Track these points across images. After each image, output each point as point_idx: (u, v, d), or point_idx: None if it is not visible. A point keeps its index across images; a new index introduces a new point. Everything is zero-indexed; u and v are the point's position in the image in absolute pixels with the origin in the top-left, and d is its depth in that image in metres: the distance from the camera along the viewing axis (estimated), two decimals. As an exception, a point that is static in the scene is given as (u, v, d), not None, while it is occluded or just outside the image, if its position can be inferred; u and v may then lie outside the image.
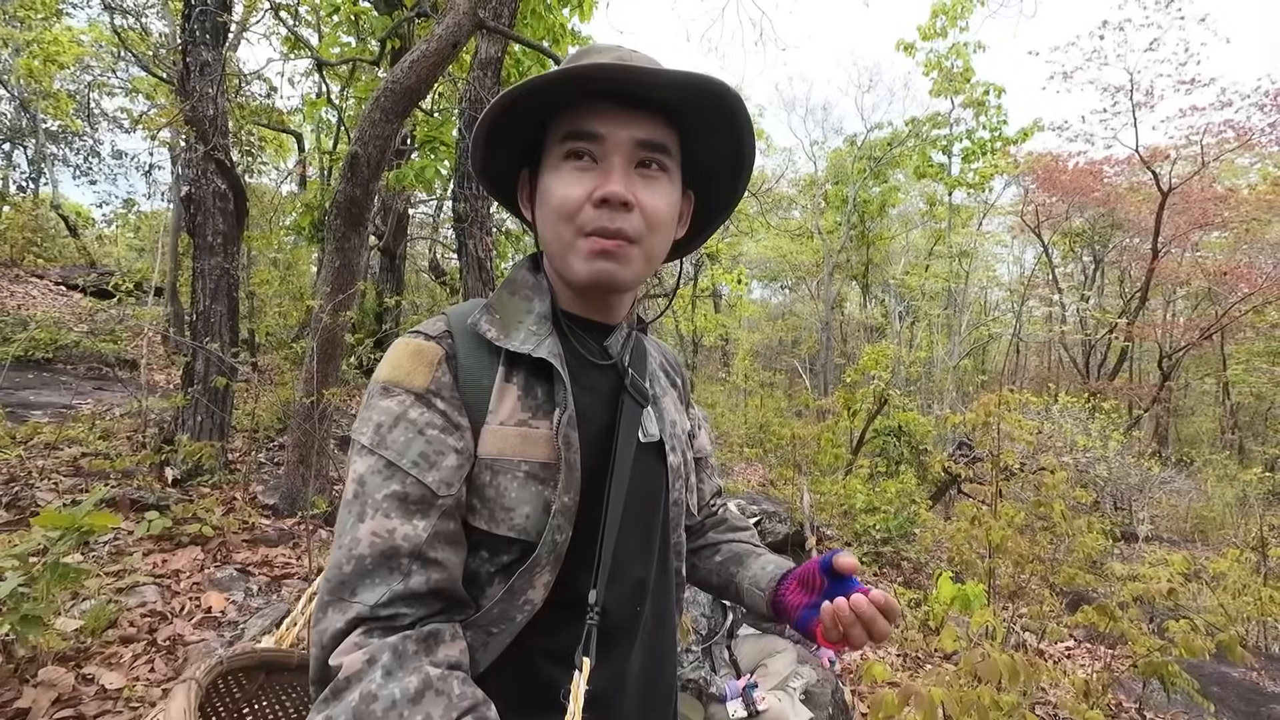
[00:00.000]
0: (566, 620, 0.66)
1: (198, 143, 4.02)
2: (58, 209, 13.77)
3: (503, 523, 0.64)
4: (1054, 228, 14.37)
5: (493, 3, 5.81)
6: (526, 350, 0.67)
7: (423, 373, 0.65)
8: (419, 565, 0.59)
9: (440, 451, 0.63)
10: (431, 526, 0.61)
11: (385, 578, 0.58)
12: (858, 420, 8.26)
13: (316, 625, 0.58)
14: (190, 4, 4.09)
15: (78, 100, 13.97)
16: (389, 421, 0.63)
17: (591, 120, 0.65)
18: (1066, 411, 7.38)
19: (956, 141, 13.66)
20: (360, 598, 0.57)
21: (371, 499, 0.60)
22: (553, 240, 0.69)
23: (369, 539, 0.58)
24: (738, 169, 0.76)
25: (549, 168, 0.69)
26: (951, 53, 13.20)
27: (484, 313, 0.71)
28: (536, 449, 0.66)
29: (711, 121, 0.69)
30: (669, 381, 0.89)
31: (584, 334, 0.75)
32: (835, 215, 15.59)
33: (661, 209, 0.67)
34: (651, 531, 0.76)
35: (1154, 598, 3.66)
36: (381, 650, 0.55)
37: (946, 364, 12.71)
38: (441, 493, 0.62)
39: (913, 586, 4.97)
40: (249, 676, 0.84)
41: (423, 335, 0.69)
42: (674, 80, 0.62)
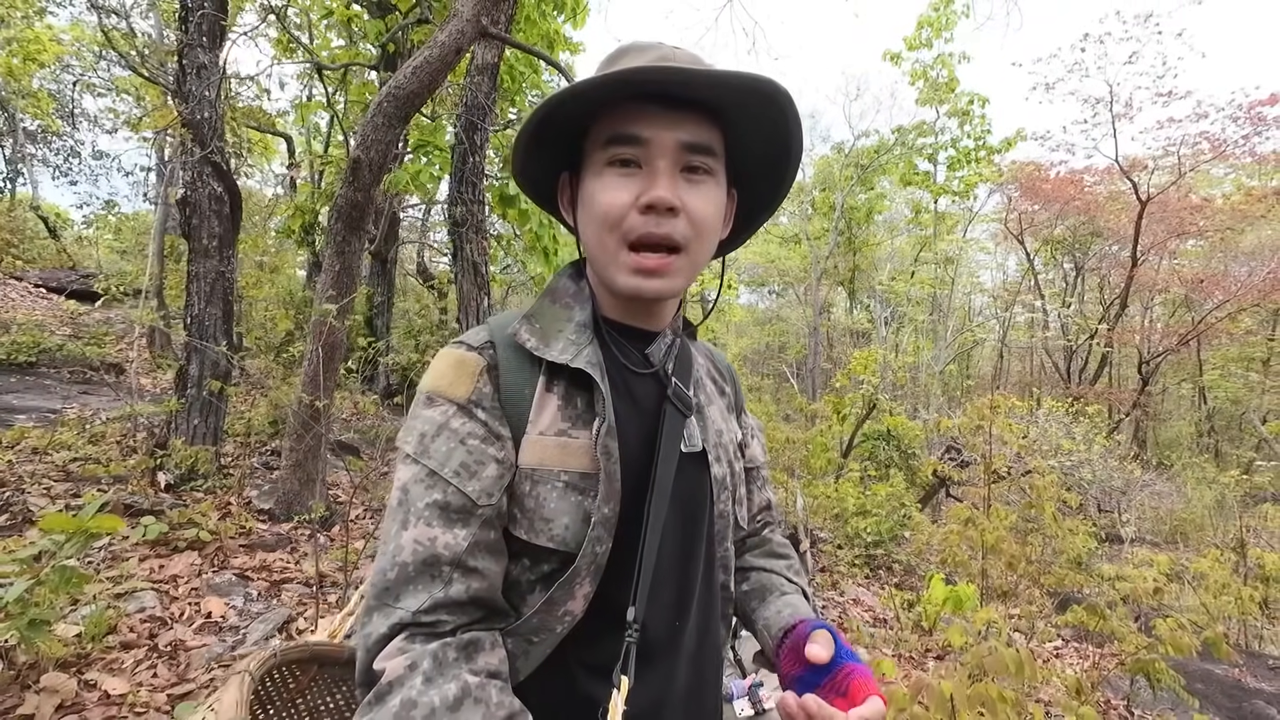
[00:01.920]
0: (606, 633, 0.65)
1: (194, 145, 4.00)
2: (37, 210, 13.52)
3: (542, 533, 0.64)
4: (1036, 235, 14.65)
5: (491, 11, 5.84)
6: (565, 360, 0.66)
7: (465, 383, 0.66)
8: (460, 573, 0.60)
9: (481, 461, 0.63)
10: (472, 536, 0.61)
11: (427, 585, 0.59)
12: (847, 425, 8.36)
13: (362, 629, 0.59)
14: (189, 6, 4.07)
15: (58, 100, 13.76)
16: (432, 431, 0.64)
17: (635, 123, 0.63)
18: (1051, 416, 7.53)
19: (942, 150, 13.89)
20: (403, 604, 0.58)
21: (414, 507, 0.61)
22: (596, 248, 0.67)
23: (412, 546, 0.60)
24: (784, 166, 0.73)
25: (592, 173, 0.67)
26: (937, 63, 13.43)
27: (524, 322, 0.70)
28: (576, 459, 0.65)
29: (758, 120, 0.66)
30: (716, 389, 0.86)
31: (625, 341, 0.73)
32: (823, 221, 15.77)
33: (709, 214, 0.66)
34: (695, 544, 0.74)
35: (1140, 597, 3.76)
36: (423, 657, 0.56)
37: (933, 369, 12.89)
38: (482, 502, 0.62)
39: (904, 588, 5.03)
40: (302, 669, 0.86)
41: (465, 345, 0.69)
42: (722, 80, 0.60)
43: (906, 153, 14.08)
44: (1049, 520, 3.51)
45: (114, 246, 15.45)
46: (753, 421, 0.95)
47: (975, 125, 13.16)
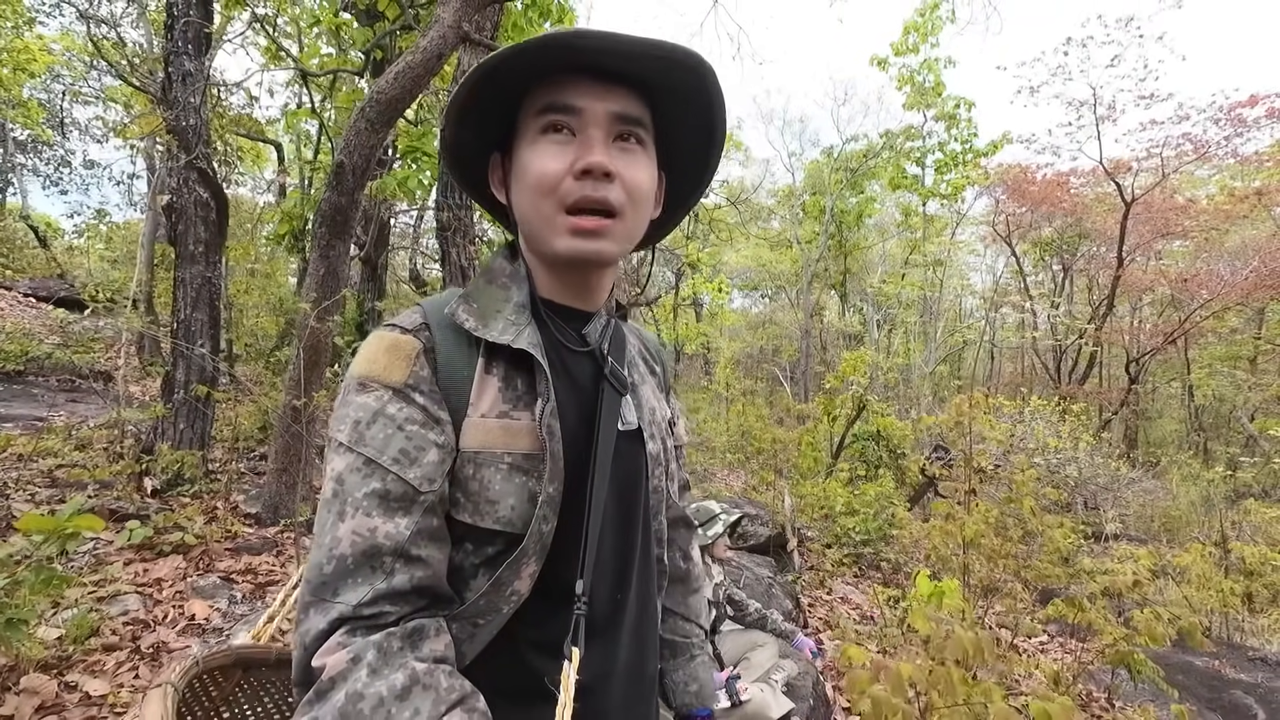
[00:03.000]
0: (553, 610, 0.66)
1: (180, 152, 4.02)
2: (27, 219, 13.50)
3: (487, 515, 0.64)
4: (1024, 237, 14.78)
5: (476, 16, 5.90)
6: (506, 341, 0.66)
7: (400, 367, 0.64)
8: (402, 563, 0.59)
9: (421, 447, 0.62)
10: (414, 524, 0.60)
11: (368, 577, 0.57)
12: (837, 425, 8.40)
13: (298, 627, 0.57)
14: (173, 14, 4.11)
15: (48, 109, 13.75)
16: (367, 418, 0.62)
17: (568, 93, 0.65)
18: (1038, 415, 7.59)
19: (929, 153, 14.02)
20: (342, 597, 0.56)
21: (351, 497, 0.59)
22: (533, 216, 0.67)
23: (350, 538, 0.58)
24: (709, 147, 0.75)
25: (525, 143, 0.67)
26: (923, 68, 13.57)
27: (461, 302, 0.69)
28: (519, 440, 0.66)
29: (684, 98, 0.69)
30: (648, 369, 0.88)
31: (562, 321, 0.74)
32: (813, 225, 15.88)
33: (642, 181, 0.67)
34: (633, 519, 0.76)
35: (1121, 591, 3.80)
36: (366, 648, 0.54)
37: (923, 370, 12.96)
38: (424, 489, 0.61)
39: (892, 585, 5.06)
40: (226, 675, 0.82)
41: (398, 328, 0.67)
42: (652, 49, 0.62)
43: (895, 156, 14.20)
44: (1028, 515, 3.55)
45: (105, 255, 15.42)
46: (677, 404, 0.99)
47: (962, 129, 13.30)
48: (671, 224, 0.84)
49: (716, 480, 8.07)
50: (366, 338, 0.67)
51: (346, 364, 6.08)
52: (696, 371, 18.25)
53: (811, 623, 4.35)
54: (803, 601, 4.39)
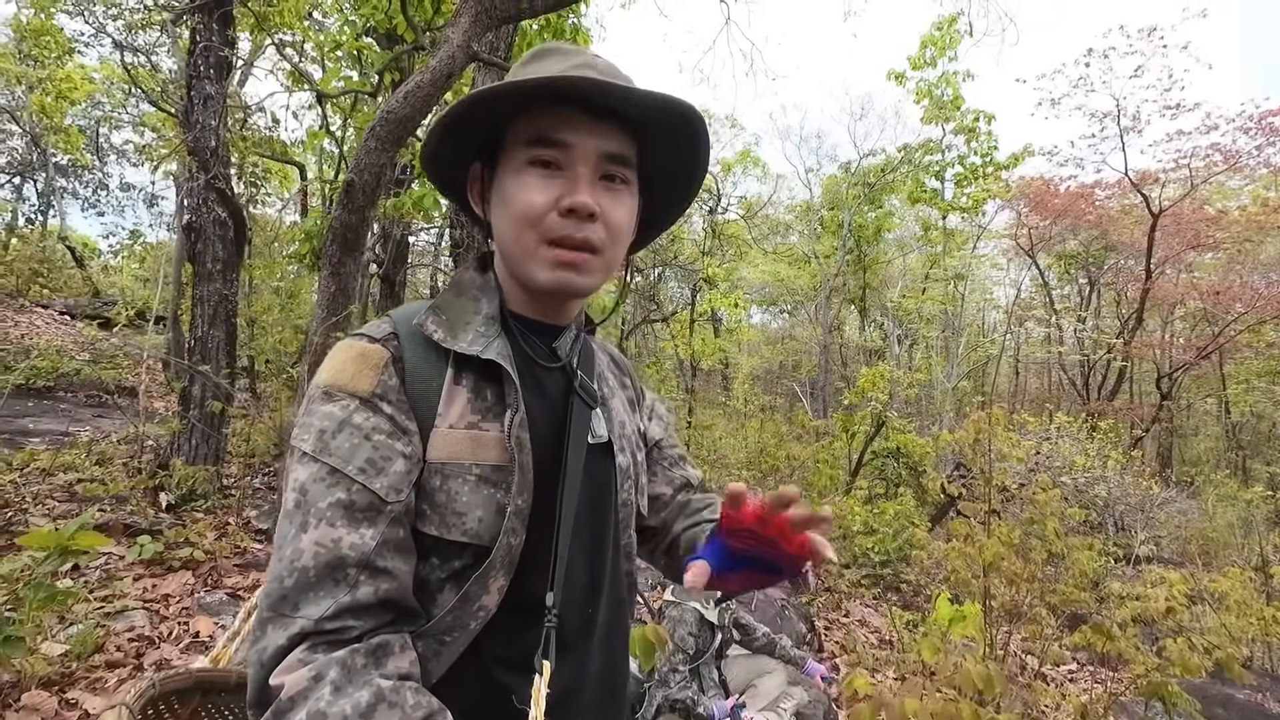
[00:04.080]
0: (521, 624, 0.65)
1: (199, 172, 4.12)
2: (64, 240, 13.98)
3: (455, 528, 0.63)
4: (1048, 250, 14.50)
5: (489, 36, 5.99)
6: (475, 352, 0.66)
7: (368, 376, 0.63)
8: (367, 575, 0.57)
9: (387, 457, 0.61)
10: (380, 535, 0.59)
11: (330, 590, 0.55)
12: (856, 442, 8.25)
13: (255, 644, 0.55)
14: (195, 40, 4.23)
15: (88, 135, 14.30)
16: (332, 427, 0.61)
17: (560, 128, 0.65)
18: (1064, 431, 7.37)
19: (949, 167, 13.87)
20: (304, 612, 0.54)
21: (315, 508, 0.58)
22: (513, 244, 0.68)
23: (313, 550, 0.56)
24: (690, 181, 0.78)
25: (511, 169, 0.67)
26: (941, 81, 13.48)
27: (429, 314, 0.69)
28: (487, 452, 0.65)
29: (672, 137, 0.71)
30: (618, 383, 0.89)
31: (532, 335, 0.74)
32: (831, 240, 15.77)
33: (623, 221, 0.69)
34: (603, 533, 0.76)
35: (1153, 617, 3.62)
36: (328, 666, 0.52)
37: (945, 386, 12.71)
38: (390, 499, 0.60)
39: (912, 609, 4.91)
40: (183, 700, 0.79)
41: (366, 338, 0.67)
42: (647, 101, 0.64)
43: (914, 170, 14.08)
44: (1050, 536, 3.42)
45: (137, 274, 15.91)
46: (660, 406, 0.99)
47: (982, 142, 13.14)
48: (643, 244, 0.85)
49: (732, 498, 7.96)
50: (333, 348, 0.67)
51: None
52: (714, 387, 18.14)
53: (827, 646, 4.23)
54: (818, 625, 4.26)
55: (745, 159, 17.36)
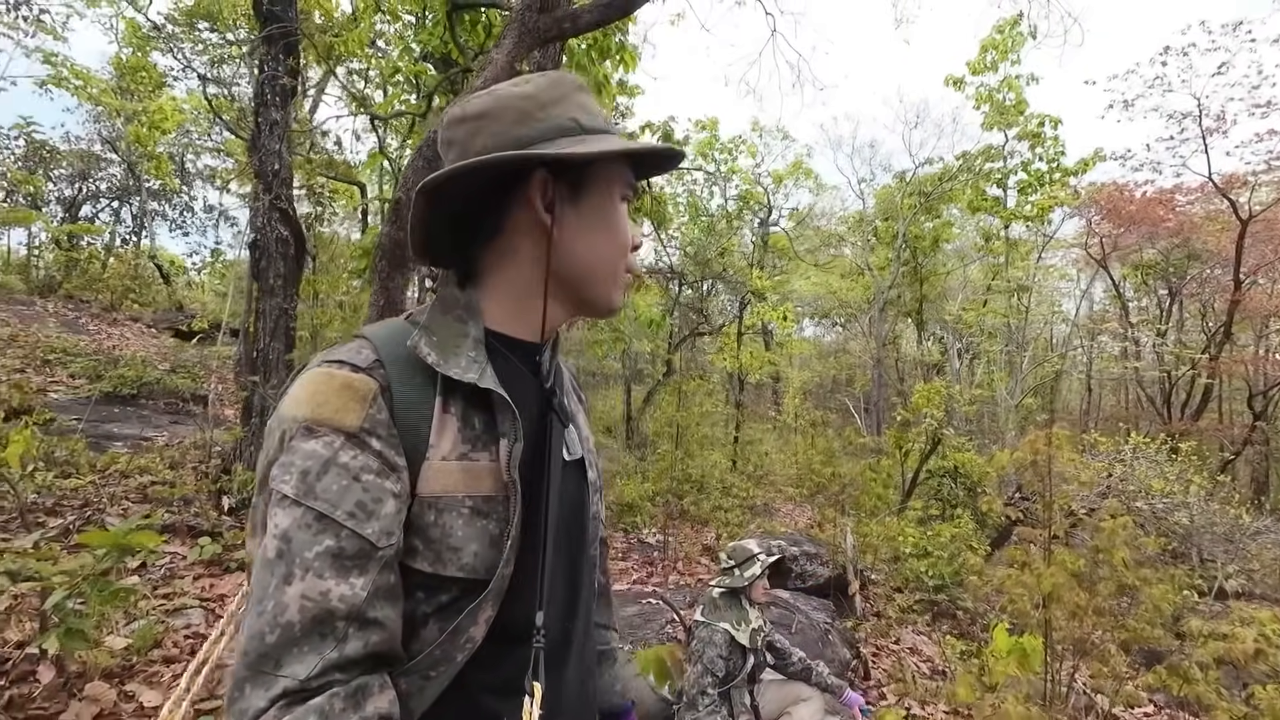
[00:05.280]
0: (505, 650, 0.64)
1: (264, 193, 4.37)
2: (154, 259, 15.09)
3: (450, 563, 0.61)
4: (1123, 259, 13.65)
5: (536, 56, 6.15)
6: (470, 379, 0.64)
7: (355, 410, 0.59)
8: (356, 628, 0.54)
9: (378, 499, 0.58)
10: (371, 583, 0.56)
11: (317, 645, 0.53)
12: (911, 461, 7.93)
13: (233, 705, 0.52)
14: (264, 70, 4.51)
15: (175, 161, 15.45)
16: (317, 467, 0.57)
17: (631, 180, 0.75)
18: (1140, 453, 6.87)
19: (1012, 174, 13.31)
20: (287, 670, 0.52)
21: (300, 558, 0.54)
22: (603, 266, 0.73)
23: (298, 603, 0.53)
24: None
25: (608, 199, 0.72)
26: (1003, 86, 12.99)
27: (422, 334, 0.66)
28: (480, 483, 0.63)
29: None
30: (577, 398, 0.90)
31: (511, 354, 0.72)
32: (885, 252, 15.34)
33: None
34: (579, 549, 0.77)
35: (1241, 660, 3.31)
36: (306, 715, 0.51)
37: (1008, 403, 12.09)
38: (382, 544, 0.57)
39: (968, 638, 4.65)
40: None
41: (349, 366, 0.62)
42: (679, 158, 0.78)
43: (973, 178, 13.56)
44: (1119, 566, 3.17)
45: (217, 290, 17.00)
46: None
47: (1048, 147, 12.55)
48: None
49: (779, 516, 7.78)
50: (304, 374, 0.62)
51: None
52: (764, 402, 17.85)
53: (874, 674, 4.04)
54: (864, 651, 4.09)
55: (797, 170, 17.15)
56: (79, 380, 7.33)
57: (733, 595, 2.42)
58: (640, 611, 3.75)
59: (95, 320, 11.03)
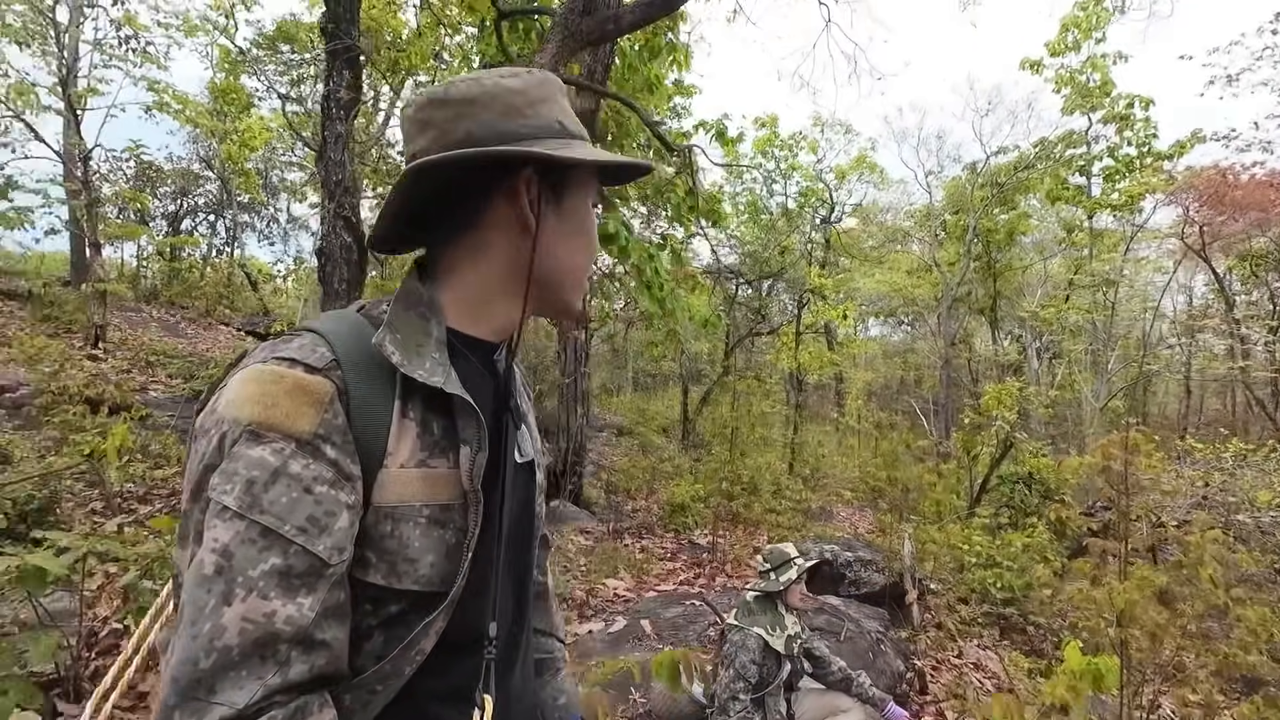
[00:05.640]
0: (454, 659, 0.62)
1: (329, 202, 4.61)
2: (244, 267, 16.26)
3: (406, 576, 0.58)
4: (1228, 250, 12.48)
5: (589, 61, 6.22)
6: (436, 383, 0.60)
7: (308, 414, 0.54)
8: (301, 651, 0.51)
9: (331, 511, 0.53)
10: (320, 603, 0.52)
11: (257, 670, 0.49)
12: (980, 466, 7.52)
13: None
14: (330, 86, 4.76)
15: (262, 176, 16.60)
16: (264, 477, 0.52)
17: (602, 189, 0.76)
18: (1244, 460, 6.25)
19: (1096, 160, 12.41)
20: (223, 697, 0.47)
21: (243, 576, 0.50)
22: (573, 271, 0.72)
23: (239, 626, 0.49)
24: None
25: (581, 203, 0.72)
26: (1086, 66, 12.14)
27: (386, 331, 0.61)
28: (438, 491, 0.60)
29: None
30: (527, 398, 0.87)
31: (470, 354, 0.69)
32: (955, 247, 14.62)
33: None
34: (526, 551, 0.77)
35: (1357, 694, 2.95)
36: None
37: (1093, 405, 11.26)
38: (333, 561, 0.53)
39: (1038, 655, 4.36)
40: None
41: (302, 365, 0.57)
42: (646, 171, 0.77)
43: (1053, 166, 12.73)
44: (1208, 584, 2.88)
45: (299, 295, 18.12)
46: None
47: (1137, 130, 11.63)
48: None
49: (837, 519, 7.54)
50: (246, 370, 0.57)
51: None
52: (827, 403, 17.37)
53: (932, 689, 3.86)
54: (920, 664, 3.90)
55: (860, 165, 16.62)
56: (175, 380, 7.97)
57: (768, 599, 2.36)
58: (683, 613, 3.72)
59: (192, 325, 11.97)
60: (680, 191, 7.35)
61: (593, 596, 4.22)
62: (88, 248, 10.18)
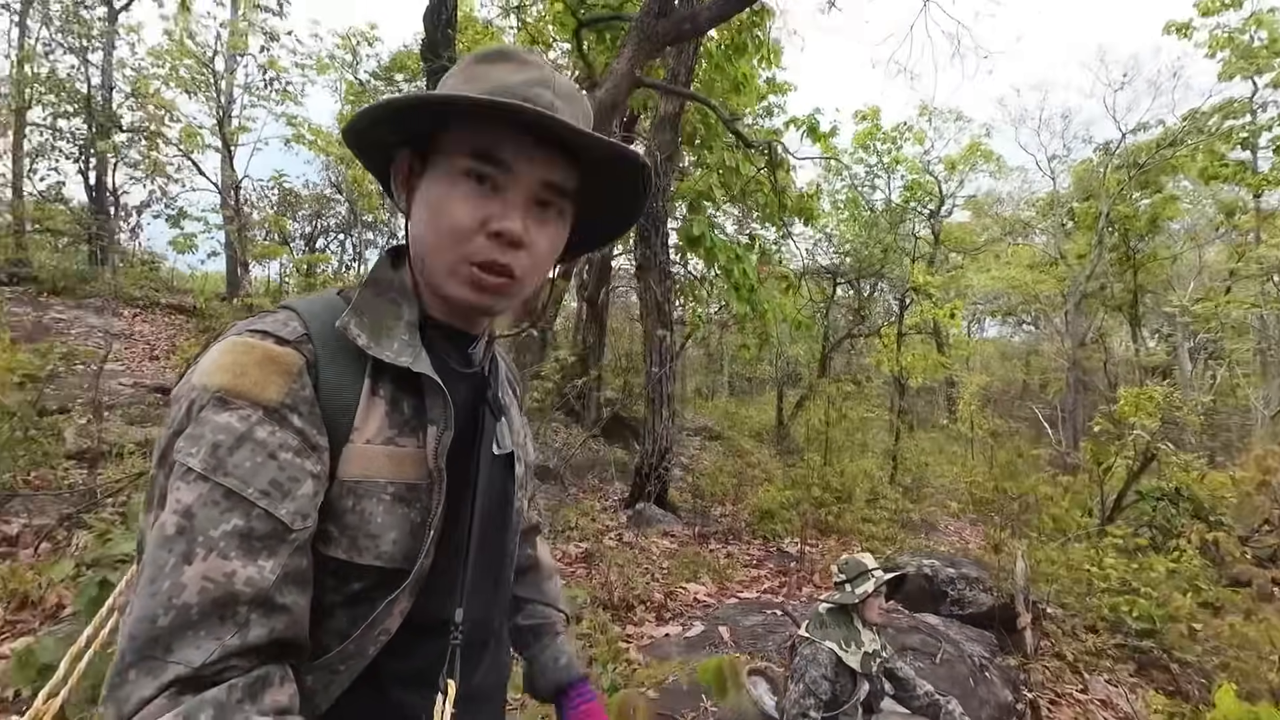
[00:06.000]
0: (419, 641, 0.63)
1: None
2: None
3: (367, 551, 0.59)
4: None
5: (671, 64, 6.24)
6: (404, 363, 0.61)
7: (276, 383, 0.56)
8: (260, 613, 0.50)
9: (295, 478, 0.54)
10: (281, 566, 0.52)
11: (215, 630, 0.48)
12: (1115, 479, 6.71)
13: (114, 691, 0.47)
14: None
15: (383, 198, 18.11)
16: (229, 441, 0.53)
17: (503, 146, 0.60)
18: None
19: (1264, 130, 10.75)
20: (179, 656, 0.47)
21: (204, 536, 0.50)
22: (433, 254, 0.63)
23: (198, 584, 0.49)
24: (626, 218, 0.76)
25: (444, 173, 0.62)
26: (1249, 24, 10.57)
27: (352, 315, 0.62)
28: (404, 469, 0.61)
29: (615, 179, 0.68)
30: (512, 391, 0.87)
31: (447, 342, 0.69)
32: (1086, 237, 13.17)
33: (548, 251, 0.66)
34: (501, 543, 0.76)
35: None
36: (200, 708, 0.46)
37: (1262, 413, 9.71)
38: (296, 526, 0.54)
39: (1183, 697, 3.81)
40: None
41: (273, 338, 0.58)
42: (598, 148, 0.61)
43: (1207, 141, 11.16)
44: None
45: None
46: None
47: (1318, 92, 9.95)
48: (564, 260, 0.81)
49: (941, 533, 7.01)
50: (221, 342, 0.58)
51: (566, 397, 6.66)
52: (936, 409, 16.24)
53: (1049, 725, 3.47)
54: (1030, 696, 3.53)
55: (973, 153, 15.49)
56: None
57: (843, 612, 2.22)
58: (764, 622, 3.60)
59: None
60: (767, 190, 7.17)
61: (671, 600, 4.18)
62: (239, 267, 11.58)
